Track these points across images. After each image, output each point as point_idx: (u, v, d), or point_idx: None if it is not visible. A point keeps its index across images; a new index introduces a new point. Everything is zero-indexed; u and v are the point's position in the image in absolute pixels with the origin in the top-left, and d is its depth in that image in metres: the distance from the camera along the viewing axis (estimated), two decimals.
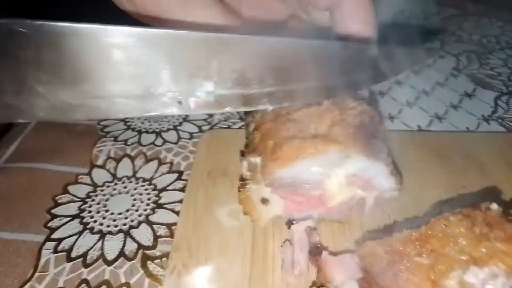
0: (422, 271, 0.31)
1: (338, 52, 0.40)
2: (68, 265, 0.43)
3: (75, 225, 0.47)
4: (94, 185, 0.53)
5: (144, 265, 0.43)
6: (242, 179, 0.45)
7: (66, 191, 0.52)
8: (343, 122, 0.40)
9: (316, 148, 0.38)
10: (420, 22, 0.78)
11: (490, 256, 0.30)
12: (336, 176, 0.41)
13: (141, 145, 0.59)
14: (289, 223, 0.43)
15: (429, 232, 0.31)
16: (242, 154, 0.46)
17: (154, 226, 0.47)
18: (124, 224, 0.47)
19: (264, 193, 0.41)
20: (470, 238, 0.31)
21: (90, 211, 0.49)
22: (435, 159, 0.53)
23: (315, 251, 0.39)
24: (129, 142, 0.60)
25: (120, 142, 0.60)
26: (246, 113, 0.52)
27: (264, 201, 0.42)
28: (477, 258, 0.30)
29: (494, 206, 0.32)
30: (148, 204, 0.50)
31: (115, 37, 0.30)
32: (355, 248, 0.38)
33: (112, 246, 0.45)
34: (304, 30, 0.46)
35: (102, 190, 0.52)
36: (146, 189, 0.52)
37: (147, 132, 0.62)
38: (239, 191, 0.43)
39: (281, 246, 0.42)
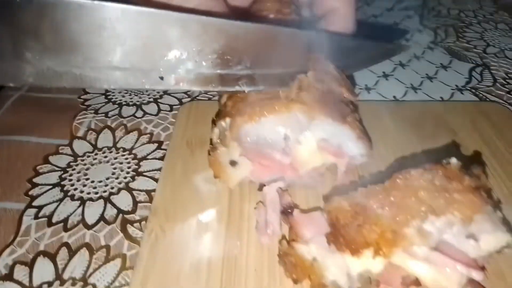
0: (384, 222, 0.32)
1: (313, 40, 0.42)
2: (49, 230, 0.44)
3: (56, 193, 0.48)
4: (75, 155, 0.53)
5: (123, 229, 0.44)
6: (212, 143, 0.46)
7: (47, 161, 0.52)
8: (311, 87, 0.41)
9: (281, 106, 0.39)
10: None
11: (447, 206, 0.32)
12: (306, 141, 0.42)
13: (122, 117, 0.60)
14: (261, 186, 0.45)
15: (391, 186, 0.33)
16: (214, 122, 0.47)
17: (134, 192, 0.48)
18: (105, 191, 0.48)
19: (233, 155, 0.42)
20: (430, 190, 0.32)
21: (70, 180, 0.50)
22: (408, 127, 0.55)
23: (287, 211, 0.40)
24: (109, 114, 0.60)
25: (100, 115, 0.60)
26: None
27: (233, 163, 0.43)
28: (435, 208, 0.32)
29: (454, 160, 0.34)
30: (128, 172, 0.51)
31: (104, 12, 0.31)
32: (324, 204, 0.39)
33: (93, 211, 0.46)
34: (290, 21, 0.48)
35: (82, 160, 0.53)
36: (126, 159, 0.53)
37: (127, 105, 0.62)
38: (209, 154, 0.44)
39: (255, 208, 0.44)
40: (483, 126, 0.56)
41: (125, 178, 0.50)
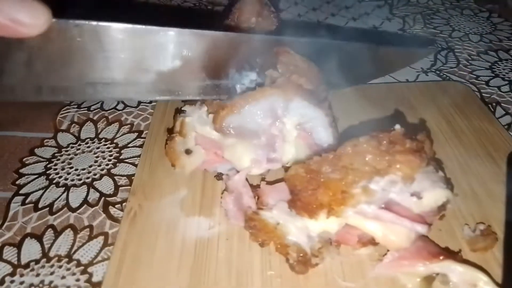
0: (335, 184, 0.35)
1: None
2: (35, 215, 0.47)
3: (42, 181, 0.51)
4: (59, 147, 0.57)
5: (105, 210, 0.47)
6: (170, 133, 0.48)
7: (32, 154, 0.56)
8: (284, 77, 0.43)
9: (258, 94, 0.42)
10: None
11: (390, 167, 0.35)
12: (288, 132, 0.45)
13: (103, 110, 0.63)
14: (218, 175, 0.48)
15: (342, 152, 0.36)
16: (177, 111, 0.49)
17: (115, 177, 0.52)
18: (88, 178, 0.52)
19: (189, 145, 0.45)
20: (375, 154, 0.36)
21: (55, 169, 0.53)
22: (372, 108, 0.59)
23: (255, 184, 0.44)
24: (92, 108, 0.63)
25: (83, 109, 0.63)
26: None
27: (188, 152, 0.46)
28: (380, 169, 0.35)
29: (397, 126, 0.37)
30: (110, 160, 0.54)
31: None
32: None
33: (76, 196, 0.49)
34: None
35: (66, 151, 0.56)
36: (108, 148, 0.56)
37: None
38: (166, 144, 0.47)
39: (221, 198, 0.46)
40: (443, 103, 0.59)
41: (107, 165, 0.53)
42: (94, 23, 0.35)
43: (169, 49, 0.39)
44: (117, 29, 0.36)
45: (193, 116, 0.46)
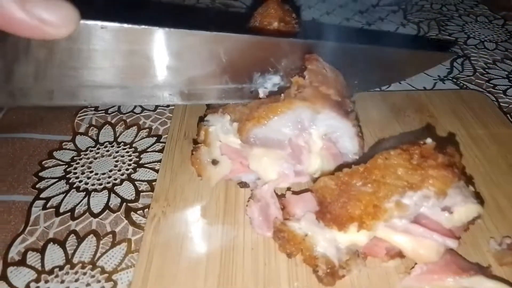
0: (366, 197, 0.35)
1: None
2: (57, 219, 0.47)
3: (62, 185, 0.51)
4: (78, 150, 0.56)
5: (127, 216, 0.47)
6: (195, 142, 0.48)
7: (51, 157, 0.55)
8: (311, 86, 0.42)
9: (285, 106, 0.41)
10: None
11: (423, 181, 0.35)
12: (313, 144, 0.44)
13: (121, 113, 0.63)
14: (242, 184, 0.48)
15: (372, 165, 0.36)
16: (200, 120, 0.48)
17: (136, 183, 0.51)
18: (108, 183, 0.51)
19: (215, 155, 0.45)
20: (407, 168, 0.36)
21: (75, 173, 0.53)
22: (392, 115, 0.59)
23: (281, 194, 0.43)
24: (109, 111, 0.63)
25: (100, 112, 0.63)
26: None
27: (214, 162, 0.45)
28: (412, 184, 0.35)
29: (429, 140, 0.37)
30: (129, 165, 0.54)
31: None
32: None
33: (98, 201, 0.49)
34: None
35: (85, 154, 0.56)
36: (127, 152, 0.56)
37: None
38: (192, 154, 0.47)
39: (246, 206, 0.45)
40: (462, 111, 0.59)
41: (127, 170, 0.53)
42: (121, 25, 0.34)
43: (191, 52, 0.39)
44: (144, 31, 0.35)
45: (217, 125, 0.45)
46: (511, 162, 0.51)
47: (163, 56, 0.38)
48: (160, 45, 0.37)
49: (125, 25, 0.34)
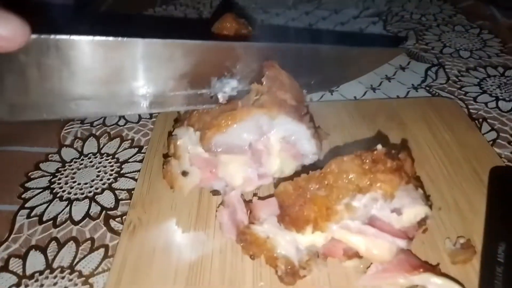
0: (320, 201, 0.38)
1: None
2: (40, 227, 0.50)
3: (46, 195, 0.54)
4: (63, 161, 0.59)
5: (106, 223, 0.50)
6: (165, 156, 0.50)
7: (37, 168, 0.58)
8: (269, 92, 0.45)
9: (243, 114, 0.44)
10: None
11: (371, 185, 0.37)
12: (271, 147, 0.47)
13: (106, 125, 0.66)
14: (214, 191, 0.50)
15: (327, 170, 0.39)
16: (169, 134, 0.51)
17: (116, 191, 0.54)
18: (90, 192, 0.54)
19: (185, 166, 0.47)
20: (359, 173, 0.38)
21: (59, 183, 0.56)
22: (363, 122, 0.61)
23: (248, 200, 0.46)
24: (94, 123, 0.66)
25: (86, 124, 0.66)
26: None
27: (184, 173, 0.48)
28: (362, 187, 0.37)
29: (379, 146, 0.39)
30: (111, 174, 0.57)
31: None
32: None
33: (79, 209, 0.52)
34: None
35: (70, 165, 0.59)
36: (109, 162, 0.59)
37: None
38: (163, 168, 0.49)
39: (216, 211, 0.48)
40: (431, 118, 0.62)
41: (108, 179, 0.56)
42: (72, 37, 0.35)
43: (150, 60, 0.40)
44: (94, 42, 0.36)
45: (184, 137, 0.47)
46: (474, 165, 0.53)
47: (121, 65, 0.39)
48: (118, 55, 0.38)
49: (78, 38, 0.35)
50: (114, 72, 0.39)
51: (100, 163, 0.59)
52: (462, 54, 0.81)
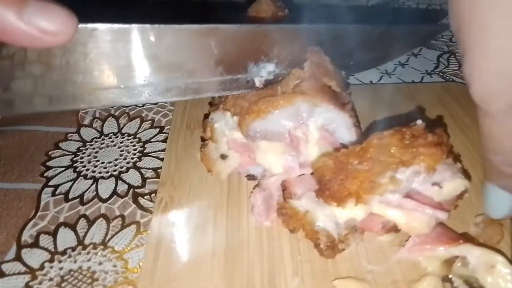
0: (363, 174, 0.38)
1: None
2: (67, 205, 0.49)
3: (69, 174, 0.53)
4: (83, 141, 0.58)
5: (135, 201, 0.49)
6: (202, 139, 0.50)
7: (57, 147, 0.57)
8: (312, 78, 0.44)
9: (285, 100, 0.42)
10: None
11: (414, 158, 0.38)
12: (310, 136, 0.45)
13: (124, 106, 0.65)
14: (250, 176, 0.50)
15: (368, 145, 0.39)
16: (205, 117, 0.50)
17: (141, 170, 0.54)
18: (115, 171, 0.53)
19: (223, 150, 0.47)
20: (400, 147, 0.38)
21: (82, 162, 0.55)
22: (383, 107, 0.62)
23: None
24: None
25: None
26: None
27: (223, 157, 0.47)
28: (404, 161, 0.38)
29: (419, 121, 0.40)
30: (134, 154, 0.56)
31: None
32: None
33: (105, 188, 0.51)
34: None
35: (91, 145, 0.58)
36: (131, 142, 0.58)
37: None
38: (200, 151, 0.49)
39: (251, 192, 0.47)
40: (448, 102, 0.63)
41: (132, 158, 0.55)
42: (113, 25, 0.34)
43: (184, 46, 0.39)
44: (128, 30, 0.35)
45: (221, 122, 0.47)
46: None
47: (155, 52, 0.38)
48: (151, 42, 0.37)
49: (115, 25, 0.34)
50: (148, 59, 0.37)
51: (122, 142, 0.58)
52: None
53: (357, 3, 0.92)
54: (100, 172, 0.53)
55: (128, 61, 0.37)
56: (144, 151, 0.56)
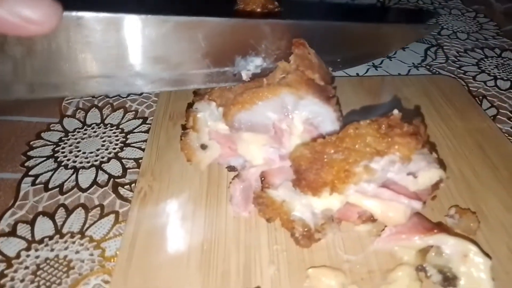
0: (338, 164, 0.38)
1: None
2: (46, 194, 0.49)
3: (50, 164, 0.53)
4: (66, 131, 0.58)
5: (115, 190, 0.49)
6: (184, 128, 0.50)
7: (39, 137, 0.57)
8: (297, 71, 0.43)
9: (270, 91, 0.42)
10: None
11: (389, 148, 0.38)
12: (294, 128, 0.45)
13: (108, 97, 0.65)
14: (230, 167, 0.49)
15: (344, 134, 0.39)
16: (189, 106, 0.49)
17: (123, 160, 0.53)
18: (96, 161, 0.53)
19: (204, 140, 0.47)
20: (375, 136, 0.38)
21: (63, 152, 0.54)
22: (368, 98, 0.62)
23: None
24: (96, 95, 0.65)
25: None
26: None
27: (204, 147, 0.47)
28: (379, 150, 0.38)
29: (395, 111, 0.40)
30: (116, 144, 0.56)
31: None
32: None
33: (86, 177, 0.51)
34: None
35: (73, 135, 0.57)
36: (114, 133, 0.58)
37: None
38: (181, 139, 0.48)
39: (230, 183, 0.47)
40: (433, 94, 0.63)
41: (114, 149, 0.55)
42: (99, 14, 0.33)
43: (171, 37, 0.39)
44: (121, 19, 0.35)
45: (205, 112, 0.46)
46: (477, 139, 0.55)
47: (142, 43, 0.37)
48: (138, 32, 0.37)
49: (101, 14, 0.34)
50: (134, 49, 0.37)
51: (104, 133, 0.58)
52: (460, 36, 0.83)
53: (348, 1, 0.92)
54: (81, 162, 0.53)
55: (113, 51, 0.36)
56: (127, 142, 0.56)
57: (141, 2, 0.45)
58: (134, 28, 0.36)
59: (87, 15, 0.33)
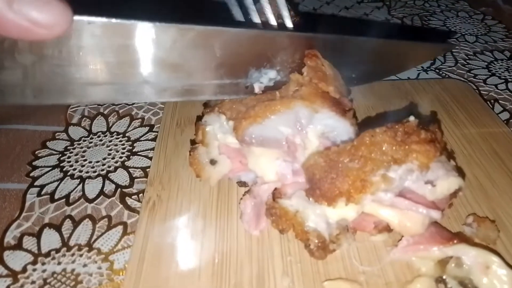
0: (354, 173, 0.37)
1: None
2: (52, 205, 0.48)
3: (56, 173, 0.52)
4: (71, 140, 0.57)
5: (123, 201, 0.48)
6: (193, 143, 0.48)
7: (44, 146, 0.56)
8: (310, 83, 0.42)
9: (283, 105, 0.40)
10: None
11: (406, 156, 0.37)
12: (310, 144, 0.42)
13: (113, 104, 0.64)
14: (241, 183, 0.48)
15: (359, 142, 0.38)
16: (198, 119, 0.48)
17: (130, 170, 0.52)
18: (102, 170, 0.52)
19: (213, 154, 0.45)
20: (392, 144, 0.37)
21: (69, 161, 0.53)
22: (379, 103, 0.61)
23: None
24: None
25: (93, 103, 0.64)
26: None
27: (213, 162, 0.45)
28: (397, 158, 0.37)
29: (412, 118, 0.39)
30: (123, 153, 0.55)
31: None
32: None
33: (92, 187, 0.50)
34: None
35: (79, 144, 0.56)
36: (120, 141, 0.57)
37: None
38: (189, 154, 0.46)
39: (241, 199, 0.45)
40: (444, 98, 0.62)
41: (120, 157, 0.54)
42: (108, 19, 0.32)
43: (185, 46, 0.37)
44: (133, 26, 0.34)
45: (214, 125, 0.45)
46: (492, 145, 0.53)
47: (154, 51, 0.36)
48: (151, 41, 0.35)
49: (113, 20, 0.32)
50: (146, 57, 0.36)
51: (110, 141, 0.57)
52: (468, 39, 0.82)
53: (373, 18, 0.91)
54: (87, 172, 0.52)
55: (124, 58, 0.35)
56: (133, 150, 0.55)
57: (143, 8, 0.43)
58: (146, 35, 0.35)
59: (98, 21, 0.32)
